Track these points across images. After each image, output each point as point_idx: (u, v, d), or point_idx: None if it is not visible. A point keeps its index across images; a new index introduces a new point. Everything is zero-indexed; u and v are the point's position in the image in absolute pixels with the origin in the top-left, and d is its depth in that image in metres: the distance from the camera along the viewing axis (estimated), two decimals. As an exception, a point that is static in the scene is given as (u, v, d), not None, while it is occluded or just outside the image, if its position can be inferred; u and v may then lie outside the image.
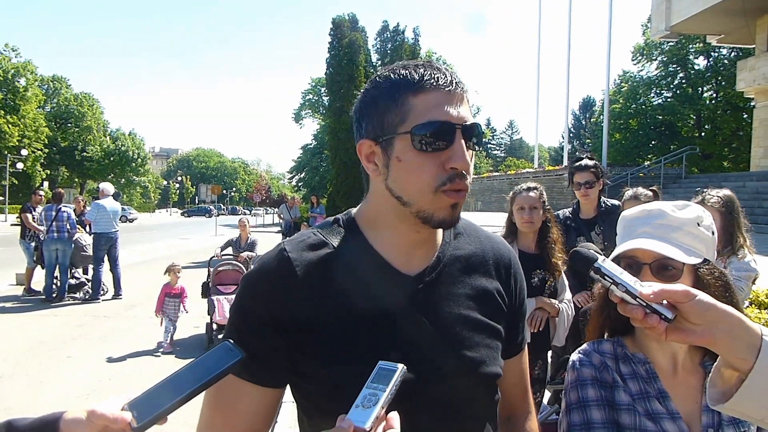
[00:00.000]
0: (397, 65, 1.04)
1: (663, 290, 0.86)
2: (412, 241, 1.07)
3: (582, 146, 54.12)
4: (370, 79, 1.08)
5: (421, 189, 0.98)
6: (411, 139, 0.97)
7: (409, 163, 0.98)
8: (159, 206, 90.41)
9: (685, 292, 0.85)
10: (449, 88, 0.98)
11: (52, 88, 60.80)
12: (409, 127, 0.97)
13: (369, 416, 0.76)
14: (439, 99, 0.98)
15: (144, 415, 0.79)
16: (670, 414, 1.23)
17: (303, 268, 1.03)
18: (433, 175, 0.97)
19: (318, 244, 1.07)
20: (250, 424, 1.05)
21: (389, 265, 1.06)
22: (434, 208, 0.99)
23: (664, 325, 0.86)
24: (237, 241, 8.41)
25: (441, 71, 1.00)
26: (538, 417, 1.39)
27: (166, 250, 19.50)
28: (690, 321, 0.85)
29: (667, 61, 38.87)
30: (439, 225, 1.02)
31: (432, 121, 0.96)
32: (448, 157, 0.97)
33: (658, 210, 1.29)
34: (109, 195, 9.97)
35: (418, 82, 0.98)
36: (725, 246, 3.11)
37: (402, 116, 0.98)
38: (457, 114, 0.98)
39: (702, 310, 0.84)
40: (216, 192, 35.23)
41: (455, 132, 0.97)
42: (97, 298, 9.59)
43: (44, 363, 6.01)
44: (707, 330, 0.84)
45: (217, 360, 0.84)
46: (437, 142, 0.96)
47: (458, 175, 0.97)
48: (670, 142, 37.70)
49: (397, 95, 0.99)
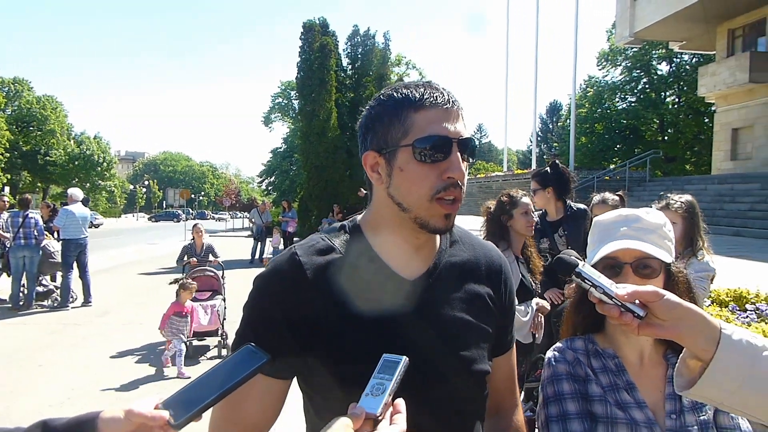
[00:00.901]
0: (399, 85, 1.15)
1: (635, 291, 0.98)
2: (412, 245, 1.17)
3: (549, 150, 55.02)
4: (374, 97, 1.18)
5: (419, 196, 1.09)
6: (412, 151, 1.08)
7: (410, 173, 1.10)
8: (125, 211, 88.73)
9: (655, 292, 0.98)
10: (447, 106, 1.10)
11: (13, 91, 59.22)
12: (411, 140, 1.08)
13: (378, 403, 0.84)
14: (438, 115, 1.09)
15: (181, 412, 0.84)
16: (637, 403, 1.34)
17: (312, 271, 1.13)
18: (431, 183, 1.08)
19: (326, 249, 1.17)
20: (260, 412, 1.14)
21: (390, 268, 1.16)
22: (429, 216, 1.10)
23: (637, 321, 0.98)
24: (192, 248, 8.11)
25: (439, 91, 1.12)
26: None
27: (134, 255, 19.26)
28: (659, 317, 0.97)
29: (631, 66, 39.83)
30: (434, 231, 1.13)
31: (432, 135, 1.07)
32: (445, 167, 1.08)
33: (634, 215, 1.42)
34: (78, 200, 9.81)
35: (419, 101, 1.10)
36: (686, 248, 3.29)
37: (404, 131, 1.10)
38: (454, 129, 1.09)
39: (669, 307, 0.97)
40: (184, 196, 34.77)
41: (452, 145, 1.08)
42: (67, 305, 9.44)
43: (14, 373, 5.92)
44: (674, 325, 0.97)
45: (244, 362, 0.90)
46: (436, 154, 1.07)
47: (453, 184, 1.08)
48: (635, 146, 38.61)
49: (400, 112, 1.10)
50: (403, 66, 50.51)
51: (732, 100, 23.64)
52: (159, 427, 0.85)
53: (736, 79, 22.37)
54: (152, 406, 0.86)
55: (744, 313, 4.38)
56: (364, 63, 24.10)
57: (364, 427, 0.82)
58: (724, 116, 24.35)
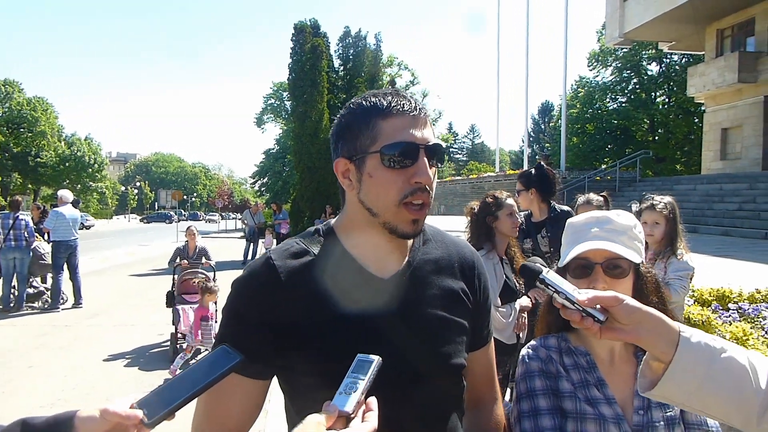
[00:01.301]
0: (368, 94, 1.19)
1: (596, 297, 1.02)
2: (385, 247, 1.21)
3: (542, 150, 55.24)
4: (345, 105, 1.22)
5: (387, 201, 1.13)
6: (380, 157, 1.12)
7: (378, 179, 1.13)
8: (117, 212, 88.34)
9: (615, 297, 1.01)
10: (414, 113, 1.14)
11: (4, 92, 58.83)
12: (378, 146, 1.12)
13: (351, 401, 0.88)
14: (405, 122, 1.13)
15: (154, 411, 0.88)
16: (606, 399, 1.38)
17: (286, 274, 1.16)
18: (399, 188, 1.12)
19: (300, 252, 1.21)
20: (239, 413, 1.18)
21: (364, 269, 1.20)
22: (397, 221, 1.14)
23: (597, 326, 1.02)
24: (185, 250, 7.99)
25: (407, 99, 1.16)
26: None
27: (126, 257, 19.22)
28: (620, 322, 1.01)
29: (621, 67, 40.08)
30: (403, 236, 1.16)
31: (398, 142, 1.11)
32: (413, 173, 1.11)
33: (605, 217, 1.47)
34: (68, 202, 9.80)
35: (386, 108, 1.13)
36: (666, 247, 3.37)
37: (373, 138, 1.13)
38: (421, 135, 1.13)
39: (629, 312, 1.00)
40: (177, 197, 34.79)
41: (419, 151, 1.11)
42: (57, 307, 9.43)
43: (5, 374, 5.92)
44: (634, 329, 1.00)
45: (218, 362, 0.94)
46: (404, 160, 1.11)
47: (421, 188, 1.12)
48: (626, 146, 38.83)
49: (369, 119, 1.14)
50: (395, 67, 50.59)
51: (721, 100, 23.83)
52: (133, 426, 0.88)
53: (725, 79, 22.54)
54: (128, 406, 0.89)
55: (727, 312, 4.45)
56: (355, 64, 24.13)
57: (336, 424, 0.86)
58: (714, 116, 24.54)
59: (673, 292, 3.26)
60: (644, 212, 3.46)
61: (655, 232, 3.39)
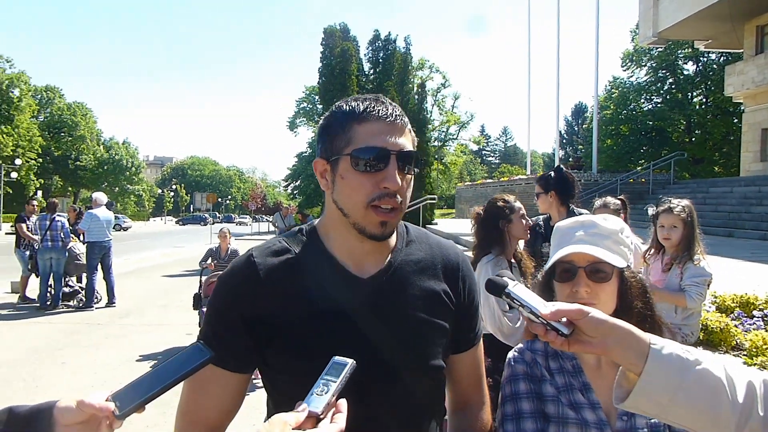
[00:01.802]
0: (351, 98, 1.22)
1: (558, 310, 1.01)
2: (362, 247, 1.23)
3: (575, 152, 54.42)
4: (330, 108, 1.25)
5: (356, 203, 1.16)
6: (351, 160, 1.14)
7: (349, 180, 1.16)
8: (153, 214, 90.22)
9: (579, 310, 1.01)
10: (389, 119, 1.16)
11: (46, 98, 60.88)
12: (350, 149, 1.15)
13: (322, 402, 0.92)
14: (379, 128, 1.15)
15: (125, 404, 0.94)
16: (590, 404, 1.38)
17: (266, 271, 1.20)
18: (367, 191, 1.14)
19: (281, 250, 1.25)
20: (220, 402, 1.23)
21: (344, 268, 1.22)
22: (365, 223, 1.16)
23: (561, 339, 1.01)
24: (217, 252, 8.26)
25: (385, 105, 1.18)
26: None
27: (160, 259, 19.60)
28: (586, 334, 1.00)
29: (656, 66, 39.28)
30: (371, 237, 1.18)
31: (370, 146, 1.14)
32: (382, 177, 1.13)
33: (590, 221, 1.47)
34: (102, 204, 10.09)
35: (362, 113, 1.16)
36: (683, 252, 3.32)
37: (347, 141, 1.16)
38: (394, 142, 1.15)
39: (594, 324, 0.99)
40: (211, 200, 35.30)
41: (390, 157, 1.14)
42: (91, 306, 9.70)
43: (39, 369, 6.14)
44: (601, 341, 0.99)
45: (189, 358, 0.98)
46: (375, 164, 1.13)
47: (389, 194, 1.14)
48: (661, 148, 38.04)
49: (345, 123, 1.17)
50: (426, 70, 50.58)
51: (761, 100, 23.10)
52: (105, 417, 0.93)
53: (765, 78, 21.83)
54: (104, 398, 0.95)
55: (750, 319, 4.34)
56: (385, 67, 24.26)
57: (305, 424, 0.89)
58: (753, 116, 23.82)
59: (689, 299, 3.21)
60: (661, 215, 3.41)
61: (672, 235, 3.35)
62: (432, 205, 23.10)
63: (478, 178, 60.92)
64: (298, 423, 0.88)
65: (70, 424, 0.95)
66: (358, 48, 23.28)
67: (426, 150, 24.60)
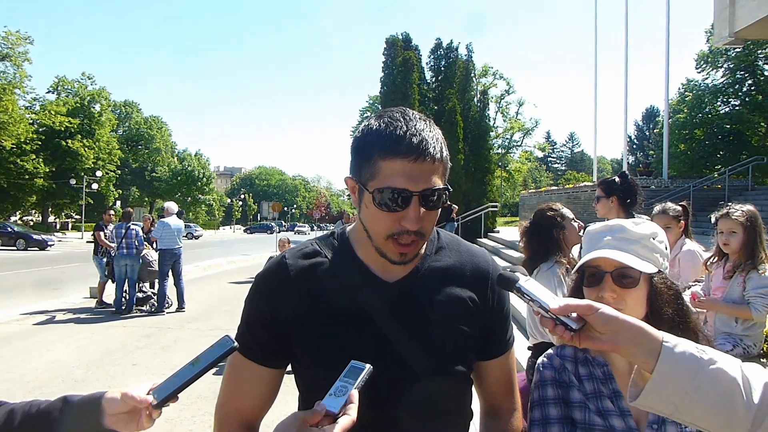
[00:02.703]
0: (380, 118, 1.17)
1: (568, 305, 1.01)
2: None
3: (645, 158, 52.48)
4: (363, 122, 1.22)
5: (376, 233, 1.18)
6: (372, 198, 1.14)
7: (371, 212, 1.17)
8: (223, 223, 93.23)
9: (588, 306, 1.00)
10: (414, 156, 1.10)
11: (124, 113, 64.30)
12: (373, 187, 1.13)
13: (339, 403, 0.97)
14: (403, 168, 1.11)
15: (161, 395, 1.04)
16: (620, 412, 1.36)
17: (296, 272, 1.27)
18: (386, 226, 1.15)
19: (312, 253, 1.31)
20: (253, 396, 1.30)
21: (371, 272, 1.26)
22: (386, 250, 1.19)
23: (569, 334, 1.01)
24: None
25: (411, 136, 1.11)
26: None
27: (227, 266, 20.26)
28: (596, 330, 1.00)
29: (733, 68, 37.35)
30: (392, 262, 1.21)
31: (390, 187, 1.11)
32: (402, 216, 1.13)
33: (618, 225, 1.45)
34: (173, 213, 10.56)
35: (386, 148, 1.12)
36: (747, 260, 3.16)
37: (372, 174, 1.14)
38: (418, 181, 1.11)
39: (604, 321, 0.98)
40: (277, 209, 36.15)
41: (411, 198, 1.11)
42: (162, 310, 10.16)
43: (112, 370, 6.49)
44: (611, 338, 0.98)
45: (216, 350, 1.05)
46: (393, 205, 1.12)
47: (407, 232, 1.14)
48: (739, 152, 36.07)
49: (371, 154, 1.14)
50: (489, 76, 50.13)
51: None
52: (145, 409, 1.04)
53: None
54: (145, 391, 1.05)
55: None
56: (447, 75, 24.25)
57: (323, 421, 0.94)
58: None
59: (754, 312, 3.06)
60: (720, 221, 3.28)
61: (730, 241, 3.20)
62: (494, 212, 22.82)
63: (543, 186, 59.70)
64: (315, 420, 0.94)
65: (116, 413, 1.05)
66: (419, 57, 23.38)
67: (488, 158, 24.34)
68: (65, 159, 46.94)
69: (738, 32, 24.91)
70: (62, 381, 6.04)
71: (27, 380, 6.05)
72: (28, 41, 41.81)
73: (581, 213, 24.11)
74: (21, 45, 41.35)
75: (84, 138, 48.80)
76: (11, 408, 1.11)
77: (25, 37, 41.39)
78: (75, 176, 45.35)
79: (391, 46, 22.50)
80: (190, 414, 4.79)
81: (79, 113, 50.05)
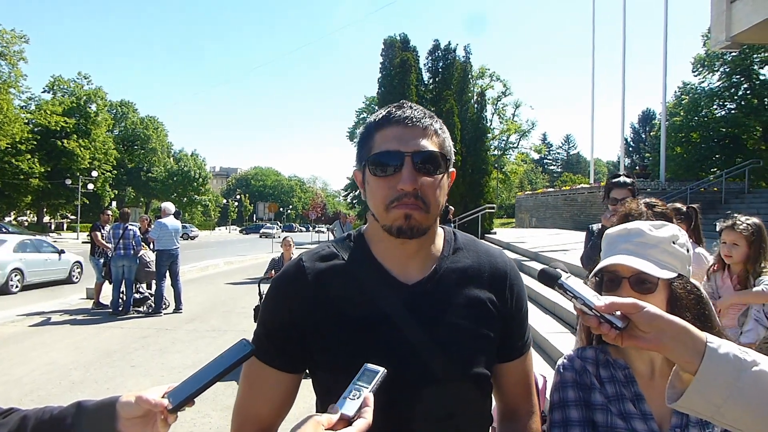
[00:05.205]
0: (382, 109, 1.26)
1: (613, 303, 1.00)
2: (403, 252, 1.25)
3: (642, 160, 52.61)
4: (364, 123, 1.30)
5: (377, 206, 1.20)
6: (367, 167, 1.19)
7: (370, 186, 1.21)
8: (219, 224, 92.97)
9: (634, 304, 0.99)
10: (407, 122, 1.18)
11: (120, 113, 64.04)
12: (367, 156, 1.20)
13: (354, 407, 0.95)
14: (395, 132, 1.17)
15: (176, 399, 1.01)
16: (642, 414, 1.35)
17: (314, 275, 1.25)
18: (384, 194, 1.17)
19: (329, 255, 1.30)
20: (271, 401, 1.28)
21: (389, 273, 1.25)
22: (390, 221, 1.19)
23: (615, 332, 1.00)
24: (280, 261, 8.27)
25: (404, 109, 1.20)
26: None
27: (224, 267, 20.20)
28: (641, 329, 0.99)
29: (730, 71, 37.46)
30: (398, 234, 1.19)
31: (382, 151, 1.17)
32: (399, 179, 1.15)
33: (637, 229, 1.42)
34: (170, 214, 10.52)
35: (380, 120, 1.21)
36: (751, 272, 3.19)
37: (369, 149, 1.21)
38: (410, 143, 1.16)
39: (649, 319, 0.98)
40: (272, 210, 36.12)
41: (403, 159, 1.15)
42: (160, 311, 10.12)
43: (110, 371, 6.44)
44: (655, 337, 0.97)
45: (233, 354, 1.04)
46: (387, 168, 1.16)
47: (405, 194, 1.15)
48: (735, 155, 36.15)
49: (368, 133, 1.23)
50: (486, 78, 50.20)
51: None
52: (160, 413, 1.01)
53: None
54: (160, 394, 1.02)
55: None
56: (444, 77, 24.24)
57: (337, 425, 0.93)
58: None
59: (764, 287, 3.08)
60: (724, 232, 3.28)
61: (733, 253, 3.21)
62: (491, 214, 22.82)
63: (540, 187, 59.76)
64: (330, 424, 0.92)
65: (131, 418, 1.03)
66: (417, 58, 23.36)
67: (485, 159, 24.36)
68: (61, 159, 46.64)
69: (735, 36, 24.98)
70: (59, 383, 6.00)
71: (24, 382, 6.01)
72: (23, 40, 41.70)
73: (578, 215, 24.17)
74: (17, 44, 41.22)
75: (80, 138, 48.52)
76: (24, 414, 1.10)
77: (20, 36, 41.28)
78: (70, 176, 45.02)
79: (389, 48, 22.50)
80: (190, 415, 4.76)
81: (74, 113, 49.77)
